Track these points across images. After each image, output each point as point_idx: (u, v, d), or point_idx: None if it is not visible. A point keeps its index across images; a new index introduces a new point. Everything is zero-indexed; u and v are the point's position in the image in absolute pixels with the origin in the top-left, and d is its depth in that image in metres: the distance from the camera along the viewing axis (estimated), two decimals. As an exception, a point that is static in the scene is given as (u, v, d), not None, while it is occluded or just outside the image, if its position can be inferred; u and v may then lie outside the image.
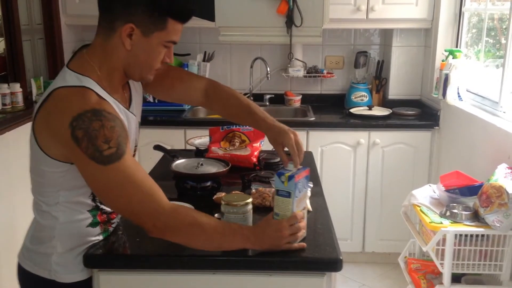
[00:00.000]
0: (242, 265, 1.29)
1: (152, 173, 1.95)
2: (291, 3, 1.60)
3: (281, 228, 1.24)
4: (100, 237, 1.34)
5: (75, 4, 3.09)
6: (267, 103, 3.39)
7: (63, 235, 1.28)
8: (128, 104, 1.36)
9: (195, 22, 2.83)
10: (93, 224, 1.31)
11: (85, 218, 1.29)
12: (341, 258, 1.26)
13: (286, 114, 3.38)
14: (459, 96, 2.72)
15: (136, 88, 1.44)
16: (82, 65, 1.24)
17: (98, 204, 1.31)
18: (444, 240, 1.87)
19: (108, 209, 1.34)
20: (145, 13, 1.20)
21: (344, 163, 3.01)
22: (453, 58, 2.73)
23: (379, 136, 2.98)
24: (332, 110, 3.30)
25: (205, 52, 3.35)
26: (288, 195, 1.28)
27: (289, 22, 1.61)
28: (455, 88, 2.71)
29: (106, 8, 1.24)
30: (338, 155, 3.00)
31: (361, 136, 2.98)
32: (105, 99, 1.20)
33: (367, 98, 3.34)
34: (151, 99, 3.30)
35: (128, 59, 1.25)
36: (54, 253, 1.28)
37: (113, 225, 1.39)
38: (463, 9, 2.91)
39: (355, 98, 3.35)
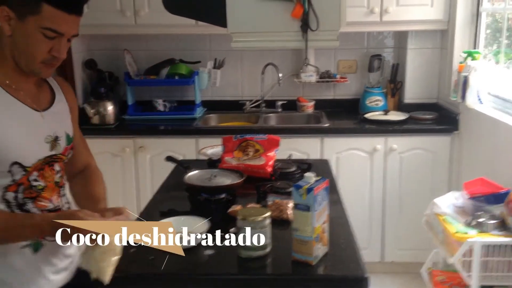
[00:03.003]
0: (261, 283, 1.22)
1: (165, 185, 1.89)
2: (307, 6, 1.54)
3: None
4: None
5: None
6: (279, 110, 3.32)
7: None
8: (42, 104, 1.31)
9: (205, 29, 2.78)
10: None
11: None
12: (366, 276, 1.19)
13: (299, 120, 3.30)
14: (479, 99, 2.63)
15: (63, 101, 1.39)
16: None
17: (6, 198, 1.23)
18: (470, 251, 1.78)
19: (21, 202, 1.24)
20: None
21: (361, 170, 2.93)
22: (472, 59, 2.64)
23: (396, 142, 2.89)
24: (347, 116, 3.22)
25: (215, 59, 3.30)
26: (308, 208, 1.22)
27: (305, 26, 1.54)
28: (475, 91, 2.61)
29: None
30: (354, 162, 2.92)
31: (378, 142, 2.89)
32: None
33: (382, 103, 3.25)
34: (161, 108, 3.25)
35: (12, 46, 1.23)
36: None
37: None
38: (480, 9, 2.82)
39: (369, 102, 3.26)
